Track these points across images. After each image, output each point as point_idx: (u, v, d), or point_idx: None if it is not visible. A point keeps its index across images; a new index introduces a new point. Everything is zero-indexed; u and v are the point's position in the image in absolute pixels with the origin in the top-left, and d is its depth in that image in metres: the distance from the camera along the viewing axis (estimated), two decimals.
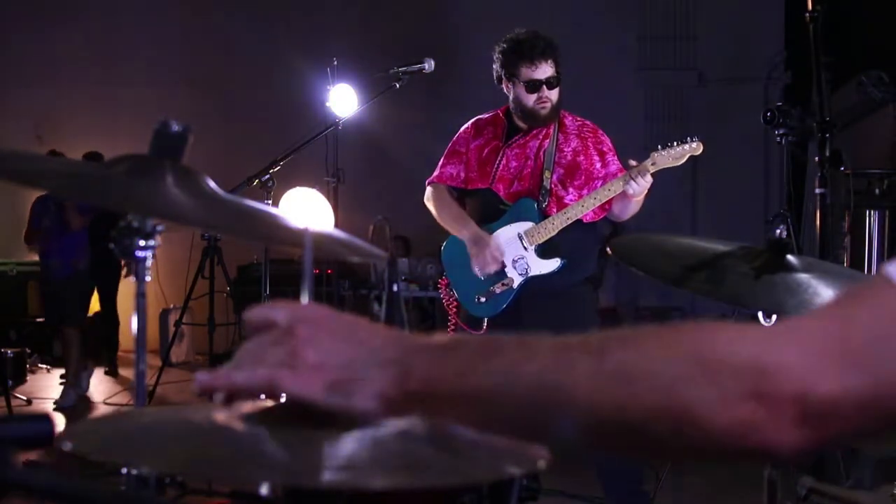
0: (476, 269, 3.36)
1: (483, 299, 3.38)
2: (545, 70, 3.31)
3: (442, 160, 3.52)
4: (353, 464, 0.85)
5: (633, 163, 3.25)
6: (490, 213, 3.41)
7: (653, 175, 3.24)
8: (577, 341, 0.76)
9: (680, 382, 0.70)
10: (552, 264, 3.34)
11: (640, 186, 3.22)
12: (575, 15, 8.52)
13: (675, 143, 3.29)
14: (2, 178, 1.09)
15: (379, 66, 4.07)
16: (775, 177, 8.68)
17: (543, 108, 3.33)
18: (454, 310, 3.49)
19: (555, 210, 3.33)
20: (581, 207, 3.29)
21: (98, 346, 7.54)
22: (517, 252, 3.35)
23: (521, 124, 3.42)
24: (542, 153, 3.37)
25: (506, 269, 3.36)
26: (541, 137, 3.39)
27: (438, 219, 3.51)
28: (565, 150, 3.39)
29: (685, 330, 0.75)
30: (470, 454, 0.95)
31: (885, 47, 6.01)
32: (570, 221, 3.30)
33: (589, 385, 0.73)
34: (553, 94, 3.33)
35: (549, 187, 3.35)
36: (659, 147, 3.28)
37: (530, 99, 3.33)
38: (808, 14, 2.99)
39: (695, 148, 3.30)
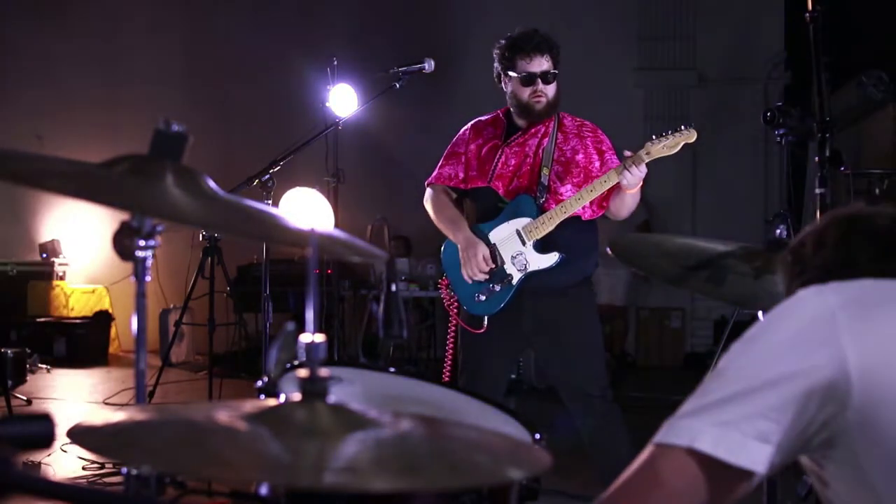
0: (464, 275, 3.37)
1: (483, 297, 3.39)
2: (541, 63, 3.33)
3: (440, 161, 3.54)
4: (354, 466, 0.85)
5: (627, 153, 3.26)
6: (489, 212, 3.43)
7: (648, 165, 3.25)
8: None
9: None
10: (550, 258, 3.34)
11: (635, 177, 3.21)
12: (575, 15, 8.51)
13: (669, 133, 3.30)
14: (2, 178, 1.09)
15: (379, 66, 4.07)
16: (775, 177, 8.68)
17: (538, 101, 3.34)
18: (455, 310, 3.49)
19: (553, 206, 3.34)
20: (578, 200, 3.29)
21: None
22: (516, 248, 3.36)
23: (519, 121, 3.43)
24: (540, 151, 3.39)
25: (505, 266, 3.37)
26: (540, 136, 3.40)
27: (435, 221, 3.53)
28: (564, 148, 3.40)
29: None
30: (470, 457, 0.95)
31: (885, 47, 6.01)
32: (567, 215, 3.30)
33: None
34: (549, 90, 3.35)
35: (547, 184, 3.36)
36: (653, 137, 3.29)
37: (525, 92, 3.34)
38: (808, 14, 2.98)
39: (688, 135, 3.30)
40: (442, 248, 3.57)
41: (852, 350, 1.14)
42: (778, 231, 1.78)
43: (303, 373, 0.97)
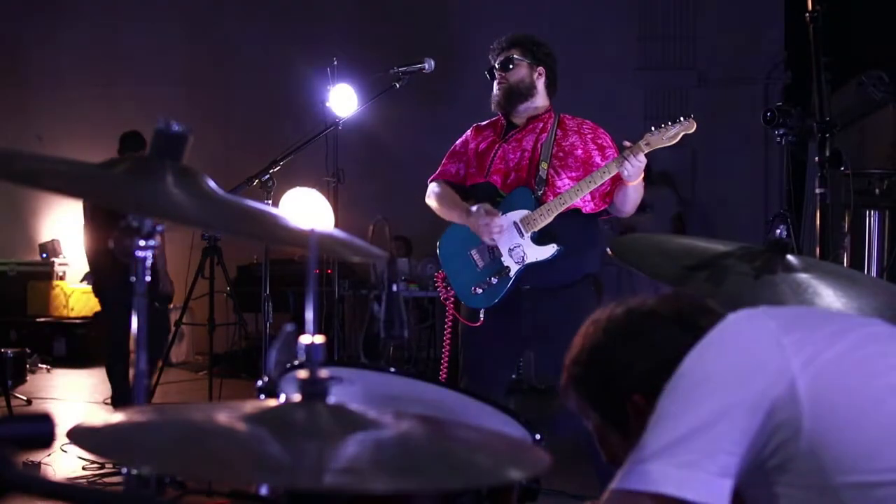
0: (486, 240, 3.36)
1: (480, 290, 3.38)
2: (502, 56, 3.46)
3: (443, 160, 3.58)
4: (354, 466, 0.85)
5: (627, 143, 3.27)
6: None
7: (646, 156, 3.26)
8: None
9: None
10: (548, 250, 3.34)
11: (635, 167, 3.22)
12: (575, 15, 8.51)
13: (668, 124, 3.31)
14: (2, 178, 1.09)
15: (379, 66, 4.07)
16: (775, 177, 8.67)
17: (500, 86, 3.45)
18: (451, 304, 3.49)
19: (551, 198, 3.34)
20: (577, 192, 3.29)
21: None
22: (514, 241, 3.36)
23: (518, 120, 3.47)
24: (539, 146, 3.41)
25: (502, 258, 3.37)
26: (538, 132, 3.43)
27: (438, 209, 3.54)
28: (563, 144, 3.42)
29: None
30: (470, 457, 0.95)
31: (885, 47, 6.01)
32: (565, 206, 3.30)
33: None
34: (510, 76, 3.44)
35: (545, 177, 3.37)
36: (652, 128, 3.30)
37: (493, 85, 3.47)
38: (808, 14, 2.99)
39: (687, 126, 3.32)
40: (438, 243, 3.57)
41: (801, 376, 1.15)
42: (778, 231, 1.78)
43: (302, 374, 0.97)
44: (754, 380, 1.16)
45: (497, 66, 3.45)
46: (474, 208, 3.38)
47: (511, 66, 3.43)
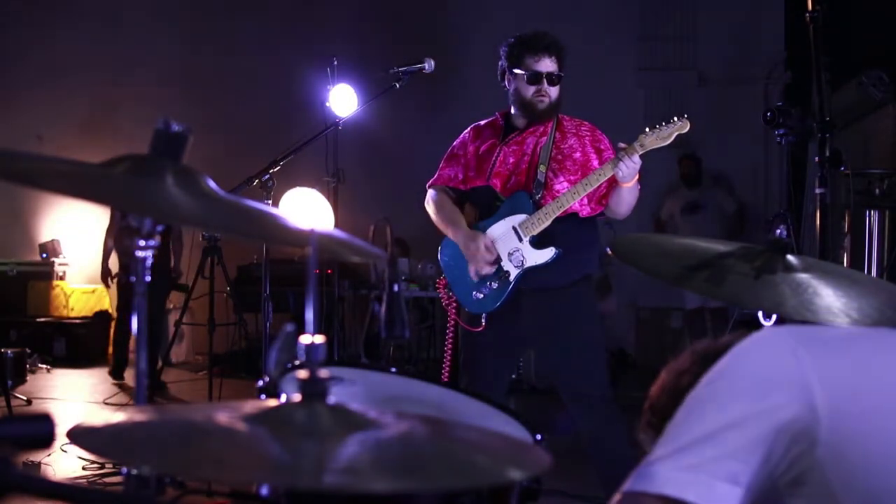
0: (471, 272, 3.38)
1: (481, 296, 3.39)
2: (547, 64, 3.36)
3: (441, 164, 3.56)
4: (354, 466, 0.85)
5: (621, 145, 3.27)
6: (487, 210, 3.44)
7: (641, 157, 3.25)
8: None
9: None
10: (547, 254, 3.34)
11: (629, 168, 3.22)
12: (575, 15, 8.51)
13: (662, 124, 3.31)
14: (2, 178, 1.09)
15: (379, 66, 4.07)
16: (775, 177, 8.68)
17: (541, 101, 3.36)
18: (454, 310, 3.50)
19: (549, 202, 3.34)
20: (574, 195, 3.29)
21: None
22: (512, 245, 3.36)
23: (519, 122, 3.45)
24: (538, 149, 3.40)
25: (501, 263, 3.37)
26: (538, 135, 3.42)
27: (435, 220, 3.54)
28: (562, 146, 3.41)
29: None
30: (471, 458, 0.95)
31: (885, 47, 6.01)
32: (563, 209, 3.31)
33: None
34: (552, 91, 3.37)
35: (543, 181, 3.37)
36: (647, 129, 3.30)
37: (529, 91, 3.37)
38: (808, 14, 2.99)
39: (681, 126, 3.31)
40: (440, 249, 3.58)
41: (819, 386, 1.14)
42: (778, 231, 1.78)
43: (302, 374, 0.97)
44: (770, 392, 1.15)
45: (545, 76, 3.35)
46: (472, 237, 3.37)
47: (556, 81, 3.37)
